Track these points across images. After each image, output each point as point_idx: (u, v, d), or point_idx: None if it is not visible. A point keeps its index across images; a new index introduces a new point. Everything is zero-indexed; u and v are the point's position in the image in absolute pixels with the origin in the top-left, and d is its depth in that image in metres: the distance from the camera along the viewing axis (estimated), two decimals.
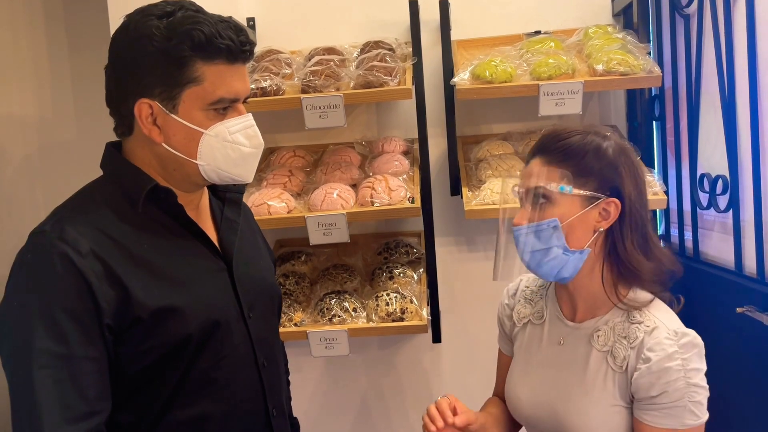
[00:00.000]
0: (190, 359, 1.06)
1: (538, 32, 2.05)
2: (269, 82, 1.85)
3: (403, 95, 1.82)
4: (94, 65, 1.08)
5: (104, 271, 0.99)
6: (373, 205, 1.81)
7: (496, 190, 1.82)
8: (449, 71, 1.91)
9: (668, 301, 1.18)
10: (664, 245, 1.21)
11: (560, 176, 1.13)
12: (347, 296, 1.89)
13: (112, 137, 1.14)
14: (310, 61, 1.94)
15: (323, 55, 1.94)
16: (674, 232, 1.91)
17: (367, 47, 1.98)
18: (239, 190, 1.25)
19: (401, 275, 1.95)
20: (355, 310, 1.86)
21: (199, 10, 1.07)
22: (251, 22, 2.12)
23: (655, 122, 2.01)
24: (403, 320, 1.82)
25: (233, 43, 1.05)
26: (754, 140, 1.50)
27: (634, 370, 1.11)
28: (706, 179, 1.71)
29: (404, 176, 1.92)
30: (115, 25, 1.08)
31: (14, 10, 2.33)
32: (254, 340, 1.16)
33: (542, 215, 1.13)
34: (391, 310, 1.83)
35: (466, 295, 2.17)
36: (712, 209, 1.67)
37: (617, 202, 1.13)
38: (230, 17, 1.09)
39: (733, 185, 1.58)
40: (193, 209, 1.15)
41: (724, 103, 1.61)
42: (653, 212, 1.97)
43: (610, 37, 1.90)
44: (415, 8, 1.84)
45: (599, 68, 1.79)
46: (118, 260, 1.01)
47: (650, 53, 1.92)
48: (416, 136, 1.91)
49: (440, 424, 1.17)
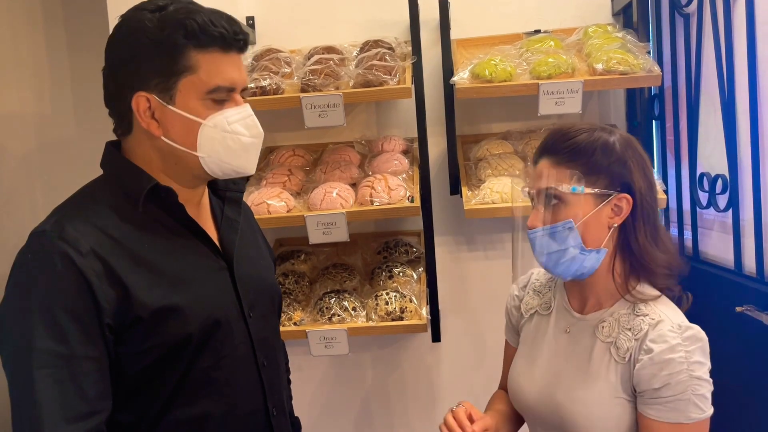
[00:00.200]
0: (190, 359, 1.06)
1: (537, 31, 2.05)
2: (269, 81, 1.84)
3: (402, 94, 1.82)
4: (93, 63, 1.08)
5: (104, 270, 0.99)
6: (372, 204, 1.81)
7: (496, 189, 1.82)
8: (449, 70, 1.91)
9: (676, 299, 1.18)
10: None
11: (571, 176, 1.13)
12: (347, 295, 1.89)
13: (111, 135, 1.14)
14: (309, 60, 1.93)
15: (323, 54, 1.94)
16: (674, 231, 1.91)
17: (366, 46, 1.97)
18: (239, 189, 1.25)
19: (401, 274, 1.95)
20: (354, 309, 1.86)
21: (190, 2, 1.07)
22: (251, 21, 2.12)
23: (654, 121, 2.01)
24: (402, 319, 1.82)
25: (226, 31, 1.05)
26: (753, 139, 1.50)
27: (636, 361, 1.11)
28: (705, 178, 1.71)
29: (404, 175, 1.92)
30: (114, 22, 1.08)
31: (13, 7, 2.33)
32: (254, 339, 1.15)
33: (556, 217, 1.14)
34: (390, 309, 1.83)
35: (465, 294, 2.17)
36: (711, 208, 1.67)
37: (628, 197, 1.14)
38: (219, 10, 1.09)
39: (732, 184, 1.58)
40: (193, 208, 1.14)
41: (723, 102, 1.61)
42: None
43: (609, 36, 1.90)
44: (414, 7, 1.84)
45: (599, 67, 1.78)
46: (118, 260, 1.01)
47: (650, 52, 1.92)
48: (416, 135, 1.91)
49: None
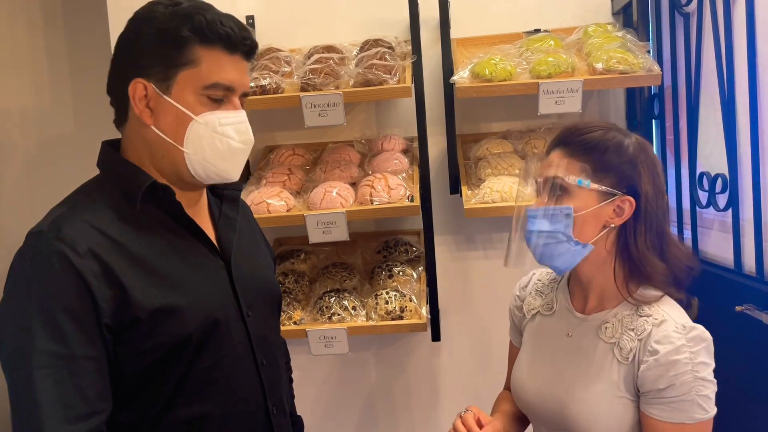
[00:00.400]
0: (190, 359, 1.06)
1: (537, 30, 2.05)
2: (268, 80, 1.84)
3: (402, 93, 1.82)
4: (91, 60, 1.08)
5: (102, 270, 0.99)
6: (372, 203, 1.81)
7: (496, 188, 1.82)
8: (449, 69, 1.91)
9: (682, 304, 1.18)
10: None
11: (580, 169, 1.14)
12: (346, 294, 1.89)
13: (110, 131, 1.14)
14: (309, 59, 1.93)
15: (323, 53, 1.94)
16: (673, 230, 1.91)
17: (366, 45, 1.97)
18: (237, 187, 1.25)
19: (400, 274, 1.95)
20: (354, 308, 1.85)
21: (206, 3, 1.08)
22: (251, 20, 2.12)
23: (654, 121, 2.01)
24: (402, 318, 1.82)
25: (233, 32, 1.06)
26: (753, 139, 1.50)
27: (640, 362, 1.11)
28: (705, 178, 1.70)
29: (403, 175, 1.92)
30: (113, 18, 1.09)
31: (12, 5, 2.33)
32: (253, 338, 1.15)
33: (558, 204, 1.15)
34: (390, 308, 1.83)
35: (465, 293, 2.17)
36: (711, 208, 1.67)
37: (632, 200, 1.14)
38: (233, 16, 1.09)
39: (732, 184, 1.58)
40: (191, 207, 1.14)
41: (723, 101, 1.61)
42: None
43: (609, 35, 1.90)
44: (414, 6, 1.84)
45: (599, 67, 1.78)
46: (116, 260, 1.01)
47: (650, 52, 1.92)
48: (416, 134, 1.91)
49: None
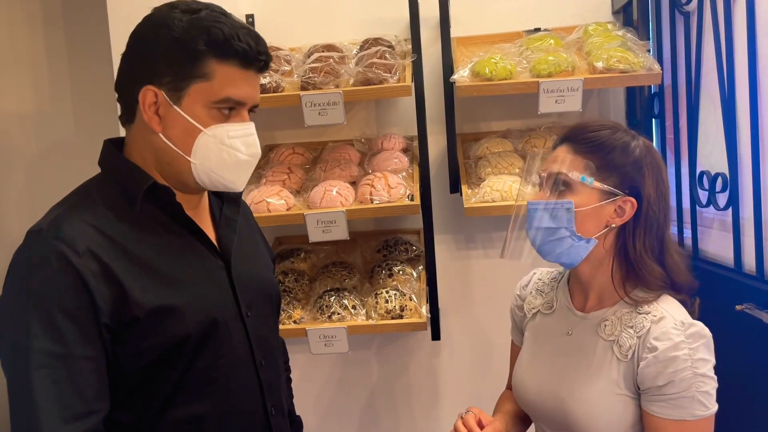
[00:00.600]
0: (188, 359, 1.06)
1: (537, 29, 2.04)
2: (268, 79, 1.84)
3: (402, 92, 1.81)
4: (92, 62, 1.08)
5: (101, 270, 0.99)
6: (372, 202, 1.81)
7: (496, 187, 1.82)
8: (449, 68, 1.90)
9: (681, 301, 1.18)
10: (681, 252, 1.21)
11: (584, 167, 1.14)
12: (346, 293, 1.89)
13: (110, 133, 1.14)
14: (309, 58, 1.93)
15: (322, 52, 1.94)
16: (673, 229, 1.91)
17: (366, 44, 1.97)
18: None
19: (400, 273, 1.95)
20: (354, 307, 1.86)
21: (224, 13, 1.08)
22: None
23: (654, 120, 2.01)
24: (402, 318, 1.82)
25: (250, 48, 1.06)
26: (753, 138, 1.50)
27: (640, 359, 1.11)
28: (705, 177, 1.70)
29: (403, 174, 1.91)
30: (114, 20, 1.08)
31: (12, 6, 2.33)
32: (252, 339, 1.15)
33: (559, 199, 1.15)
34: (390, 307, 1.83)
35: (465, 292, 2.17)
36: (711, 207, 1.67)
37: (634, 201, 1.14)
38: (250, 27, 1.09)
39: (732, 183, 1.58)
40: (192, 207, 1.14)
41: (723, 100, 1.61)
42: None
43: (609, 34, 1.90)
44: (414, 5, 1.84)
45: (599, 65, 1.78)
46: (115, 259, 1.01)
47: (650, 50, 1.91)
48: (416, 133, 1.90)
49: None
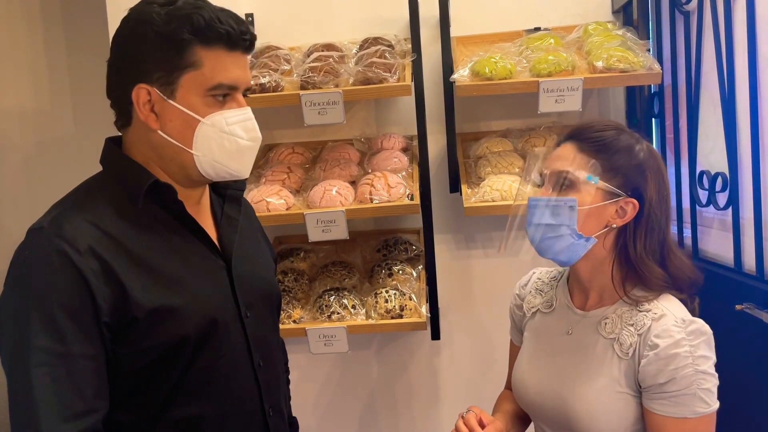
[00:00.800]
0: (188, 359, 1.05)
1: (537, 29, 2.04)
2: (268, 78, 1.84)
3: (402, 92, 1.81)
4: (91, 60, 1.08)
5: (102, 269, 0.99)
6: (372, 202, 1.80)
7: (495, 187, 1.82)
8: (449, 68, 1.90)
9: (682, 301, 1.18)
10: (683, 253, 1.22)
11: (591, 166, 1.14)
12: (346, 293, 1.88)
13: (110, 132, 1.14)
14: (309, 57, 1.93)
15: (322, 51, 1.94)
16: (673, 229, 1.91)
17: (366, 43, 1.97)
18: (239, 187, 1.24)
19: (400, 272, 1.95)
20: (354, 307, 1.85)
21: None
22: (250, 17, 2.12)
23: (654, 119, 2.01)
24: (402, 317, 1.82)
25: (233, 29, 1.05)
26: (753, 137, 1.50)
27: (641, 357, 1.12)
28: (705, 176, 1.70)
29: (403, 173, 1.91)
30: (113, 18, 1.08)
31: (11, 5, 2.32)
32: (251, 339, 1.15)
33: (562, 196, 1.15)
34: (390, 307, 1.82)
35: (465, 291, 2.17)
36: (711, 206, 1.67)
37: (635, 203, 1.15)
38: (228, 9, 1.09)
39: (732, 183, 1.58)
40: (193, 206, 1.14)
41: (723, 100, 1.61)
42: None
43: (609, 33, 1.90)
44: (414, 4, 1.83)
45: (599, 65, 1.78)
46: (116, 258, 1.00)
47: (650, 50, 1.91)
48: (415, 132, 1.90)
49: None
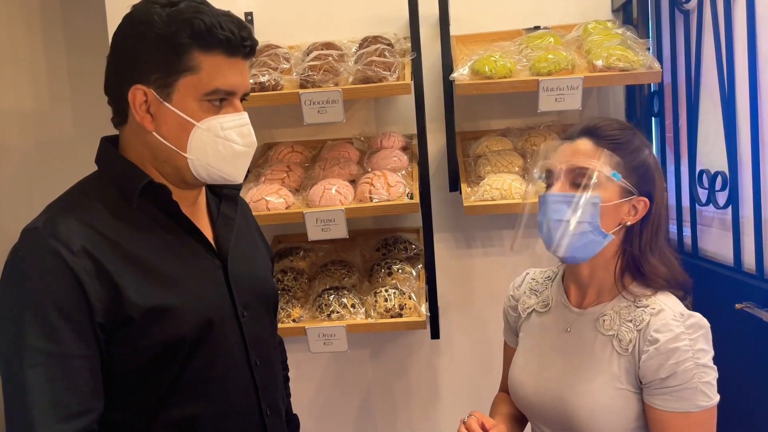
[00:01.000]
0: (184, 359, 1.05)
1: (537, 28, 2.04)
2: (267, 77, 1.84)
3: (401, 90, 1.81)
4: (90, 60, 1.08)
5: (95, 269, 0.98)
6: (371, 200, 1.80)
7: (495, 186, 1.82)
8: (448, 66, 1.90)
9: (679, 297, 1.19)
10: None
11: (615, 163, 1.14)
12: (346, 292, 1.88)
13: (109, 132, 1.13)
14: (308, 56, 1.93)
15: (321, 50, 1.93)
16: (673, 228, 1.91)
17: (365, 42, 1.97)
18: (236, 186, 1.24)
19: (400, 271, 1.95)
20: (353, 306, 1.85)
21: (203, 2, 1.07)
22: (249, 16, 2.11)
23: (654, 118, 2.01)
24: (401, 316, 1.82)
25: (233, 35, 1.05)
26: (753, 137, 1.49)
27: (641, 352, 1.12)
28: (705, 175, 1.70)
29: (403, 172, 1.91)
30: (112, 18, 1.08)
31: (11, 3, 2.32)
32: (247, 339, 1.15)
33: (586, 193, 1.13)
34: (389, 306, 1.82)
35: (464, 291, 2.16)
36: (711, 205, 1.67)
37: (647, 201, 1.16)
38: (231, 13, 1.09)
39: (732, 182, 1.58)
40: (189, 206, 1.14)
41: (723, 99, 1.60)
42: None
43: (609, 32, 1.90)
44: (414, 3, 1.83)
45: (599, 64, 1.78)
46: (110, 258, 1.00)
47: (650, 49, 1.91)
48: (415, 131, 1.90)
49: None
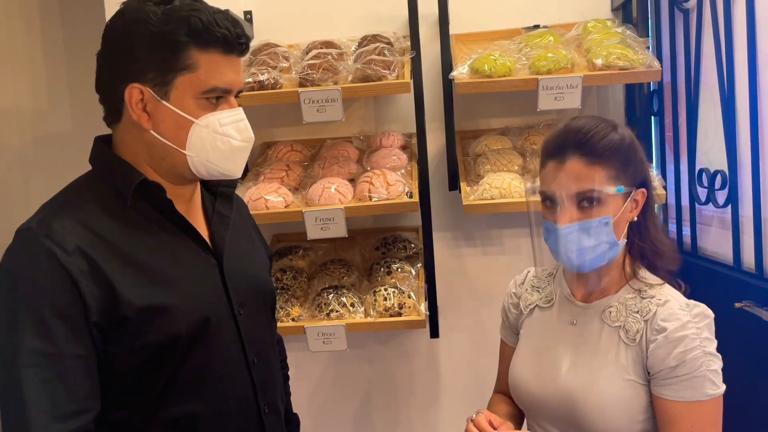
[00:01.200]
0: (180, 358, 1.05)
1: (537, 26, 2.04)
2: (267, 75, 1.83)
3: (401, 89, 1.81)
4: (89, 58, 1.07)
5: (90, 268, 0.98)
6: (371, 199, 1.80)
7: (494, 184, 1.81)
8: (448, 65, 1.90)
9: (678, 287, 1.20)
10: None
11: (614, 177, 1.12)
12: (345, 291, 1.88)
13: (108, 131, 1.13)
14: (307, 54, 1.92)
15: (321, 48, 1.93)
16: (672, 227, 1.91)
17: (365, 41, 1.96)
18: (231, 184, 1.24)
19: (399, 270, 1.94)
20: (352, 305, 1.85)
21: None
22: (248, 15, 2.11)
23: (653, 117, 2.01)
24: (401, 315, 1.81)
25: (230, 33, 1.05)
26: (753, 135, 1.49)
27: (648, 342, 1.12)
28: (704, 174, 1.70)
29: (402, 171, 1.91)
30: (111, 15, 1.07)
31: (9, 2, 2.31)
32: (244, 337, 1.14)
33: (591, 215, 1.12)
34: (389, 305, 1.82)
35: (464, 290, 2.16)
36: (710, 204, 1.67)
37: (644, 191, 1.17)
38: (227, 10, 1.09)
39: (731, 181, 1.58)
40: (183, 204, 1.13)
41: (723, 98, 1.60)
42: None
43: (609, 31, 1.90)
44: (413, 2, 1.83)
45: (598, 62, 1.78)
46: (104, 258, 1.00)
47: (649, 48, 1.91)
48: (414, 130, 1.90)
49: None
